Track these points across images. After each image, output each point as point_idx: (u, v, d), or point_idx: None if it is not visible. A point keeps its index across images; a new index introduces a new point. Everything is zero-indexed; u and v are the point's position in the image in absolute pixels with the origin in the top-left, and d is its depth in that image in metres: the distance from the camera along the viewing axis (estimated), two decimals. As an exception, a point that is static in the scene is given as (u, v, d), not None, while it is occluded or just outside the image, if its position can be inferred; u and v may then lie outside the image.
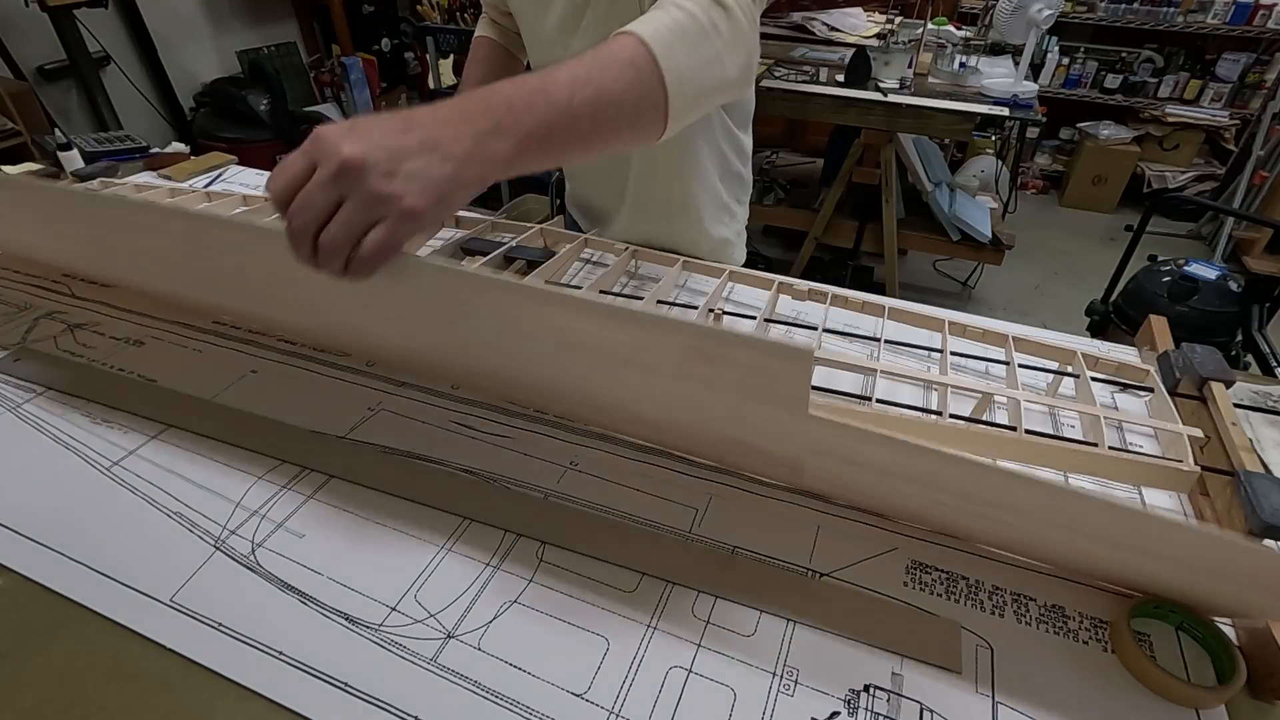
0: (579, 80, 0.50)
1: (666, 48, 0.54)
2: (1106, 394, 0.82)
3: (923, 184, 2.60)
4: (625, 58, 0.53)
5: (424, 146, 0.43)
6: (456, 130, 0.45)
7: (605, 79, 0.51)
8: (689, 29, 0.56)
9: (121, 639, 0.54)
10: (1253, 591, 0.47)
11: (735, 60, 0.60)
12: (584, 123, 0.50)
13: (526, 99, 0.48)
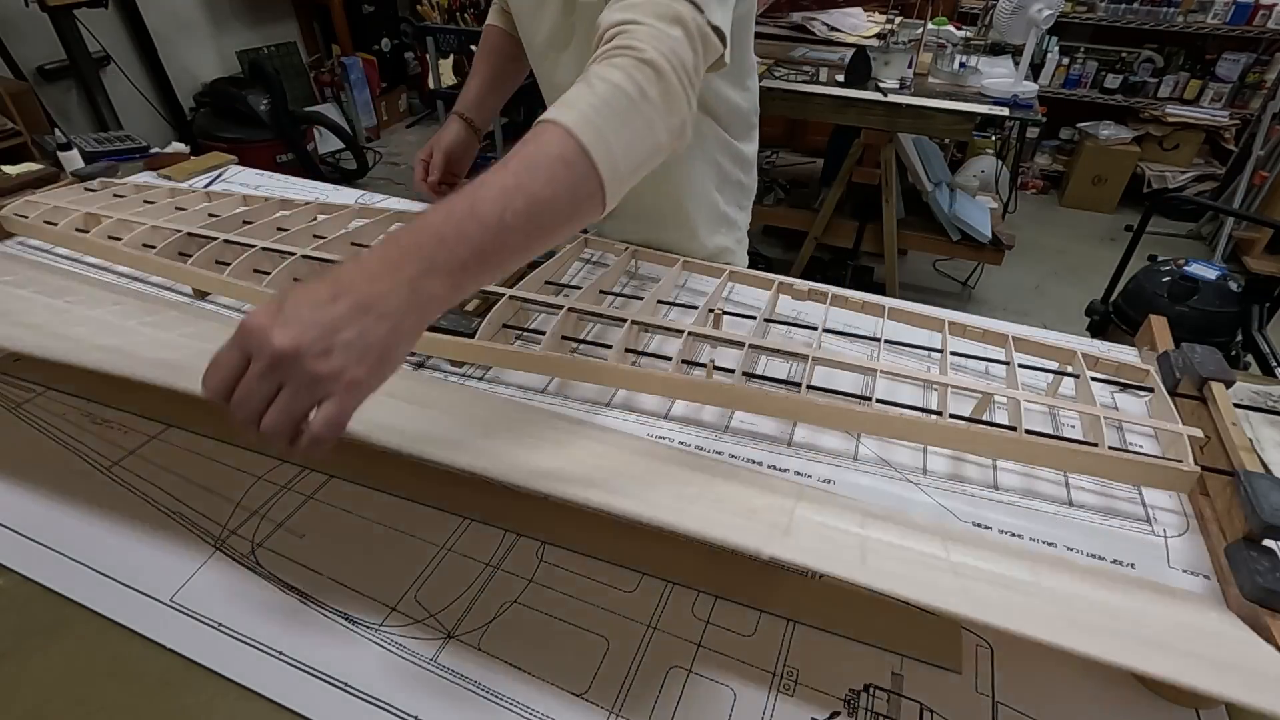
0: (509, 191, 0.48)
1: (595, 133, 0.51)
2: (1106, 394, 0.82)
3: (923, 184, 2.60)
4: (554, 155, 0.50)
5: (356, 311, 0.42)
6: (388, 283, 0.43)
7: (536, 185, 0.49)
8: (616, 104, 0.53)
9: (121, 639, 0.54)
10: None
11: (668, 124, 0.57)
12: (519, 235, 0.48)
13: (457, 228, 0.46)
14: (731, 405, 0.77)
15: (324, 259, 0.93)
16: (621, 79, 0.54)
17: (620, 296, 0.99)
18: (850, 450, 0.74)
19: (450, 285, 0.46)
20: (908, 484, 0.70)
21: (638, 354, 0.81)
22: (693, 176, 1.00)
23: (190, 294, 0.97)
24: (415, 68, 4.72)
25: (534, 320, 0.92)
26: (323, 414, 0.42)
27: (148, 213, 1.07)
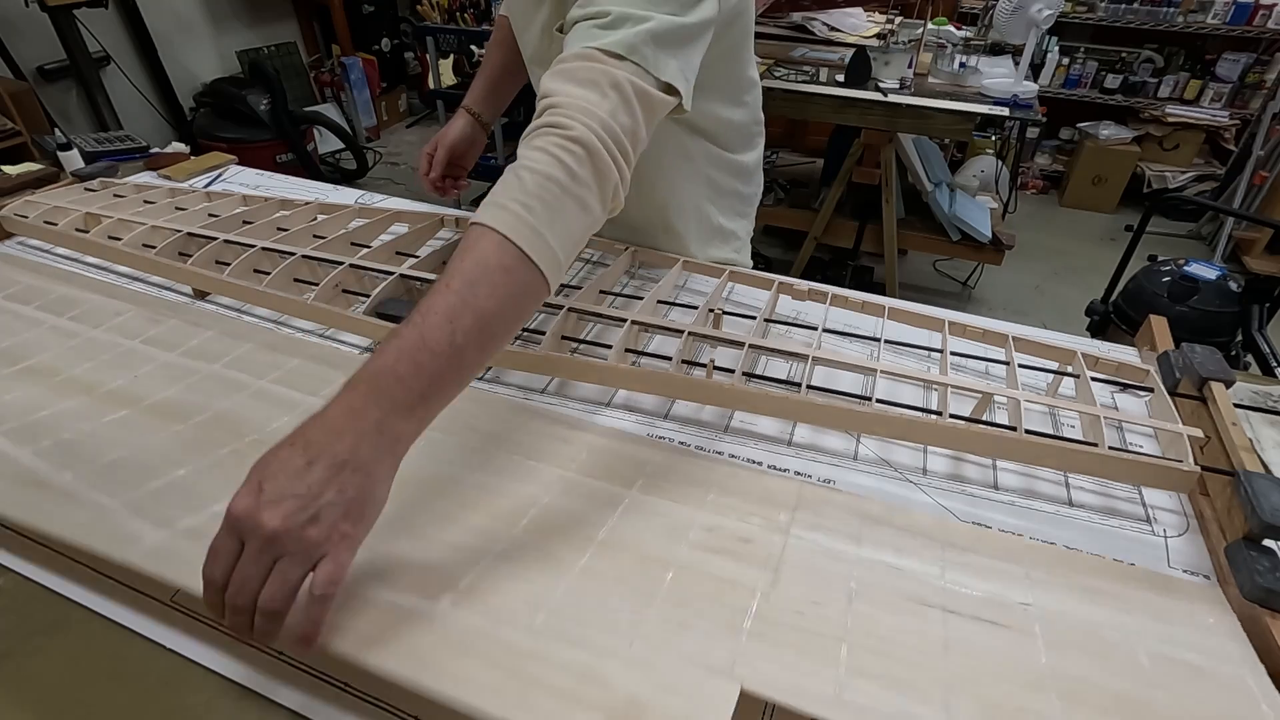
0: (455, 311, 0.48)
1: (530, 232, 0.51)
2: (1106, 394, 0.82)
3: (923, 184, 2.60)
4: (493, 264, 0.50)
5: (331, 471, 0.44)
6: (354, 435, 0.45)
7: (480, 300, 0.49)
8: (547, 194, 0.53)
9: (121, 639, 0.54)
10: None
11: (602, 197, 0.57)
12: (473, 351, 0.49)
13: (411, 361, 0.47)
14: (731, 405, 0.77)
15: (324, 259, 0.93)
16: (549, 165, 0.54)
17: (620, 296, 0.99)
18: (850, 450, 0.74)
19: (415, 419, 0.48)
20: (908, 484, 0.70)
21: (638, 354, 0.81)
22: (679, 193, 0.98)
23: (190, 294, 0.97)
24: (415, 68, 4.72)
25: (534, 320, 0.92)
26: (321, 574, 0.43)
27: (148, 213, 1.07)
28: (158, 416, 0.73)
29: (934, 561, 0.59)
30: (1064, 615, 0.55)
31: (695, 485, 0.67)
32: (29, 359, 0.82)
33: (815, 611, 0.53)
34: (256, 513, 0.42)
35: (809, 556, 0.59)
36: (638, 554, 0.58)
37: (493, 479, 0.66)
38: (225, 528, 0.44)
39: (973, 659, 0.50)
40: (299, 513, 0.42)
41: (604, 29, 0.60)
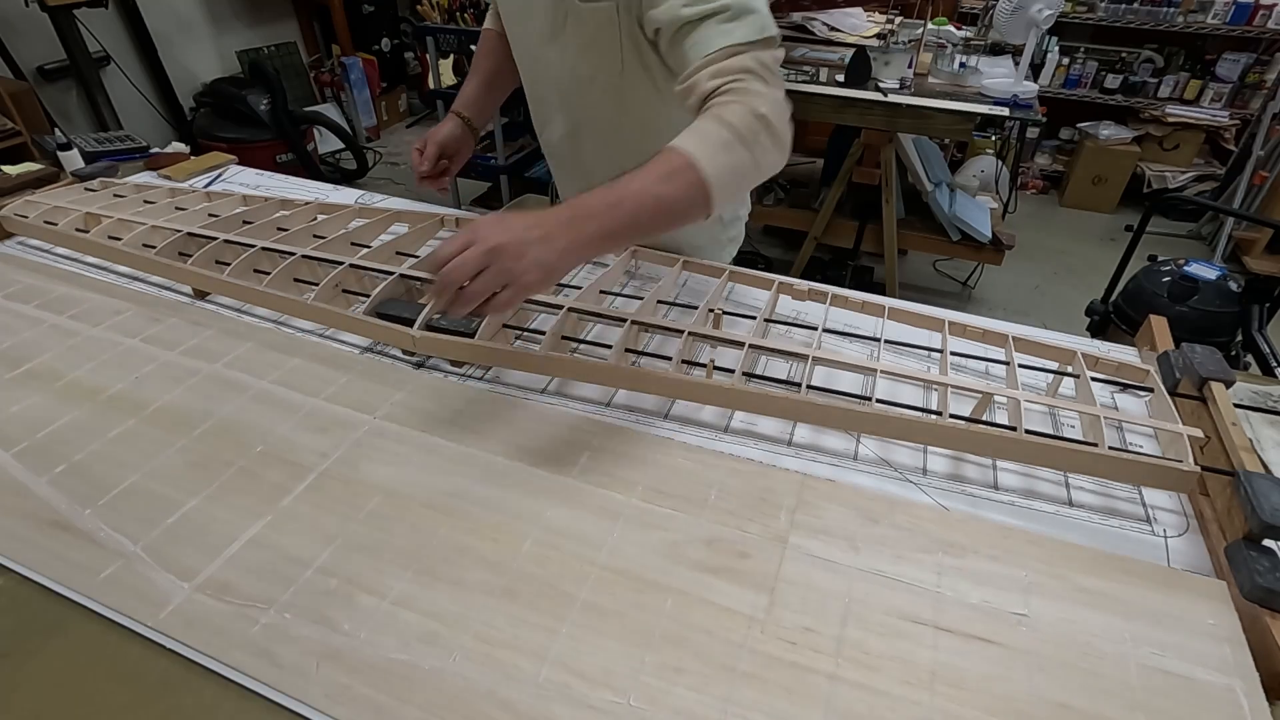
0: (646, 195, 0.65)
1: (713, 165, 0.66)
2: (1106, 394, 0.82)
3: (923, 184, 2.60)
4: (681, 179, 0.66)
5: (543, 240, 0.61)
6: (565, 230, 0.62)
7: (665, 194, 0.66)
8: (733, 144, 0.68)
9: (121, 639, 0.54)
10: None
11: (772, 160, 0.73)
12: (645, 225, 0.66)
13: (608, 210, 0.64)
14: (731, 405, 0.77)
15: (324, 259, 0.93)
16: (741, 126, 0.69)
17: (620, 296, 0.99)
18: (850, 450, 0.74)
19: (596, 244, 0.65)
20: (908, 484, 0.70)
21: (638, 354, 0.81)
22: None
23: (190, 294, 0.97)
24: (415, 68, 4.72)
25: (534, 320, 0.92)
26: (502, 296, 0.61)
27: (148, 213, 1.07)
28: (161, 427, 0.73)
29: (931, 567, 0.59)
30: (1058, 627, 0.55)
31: (696, 485, 0.67)
32: (30, 361, 0.82)
33: (807, 640, 0.54)
34: (490, 230, 0.60)
35: (806, 571, 0.59)
36: (638, 580, 0.58)
37: (495, 491, 0.66)
38: (465, 233, 0.61)
39: (958, 689, 0.50)
40: (515, 246, 0.60)
41: (731, 22, 0.73)
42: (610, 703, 0.49)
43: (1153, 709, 0.49)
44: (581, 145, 1.01)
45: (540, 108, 1.04)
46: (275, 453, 0.70)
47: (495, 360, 0.81)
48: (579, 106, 0.96)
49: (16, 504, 0.65)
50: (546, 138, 1.07)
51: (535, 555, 0.60)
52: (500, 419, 0.75)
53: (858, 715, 0.49)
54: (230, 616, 0.55)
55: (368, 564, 0.59)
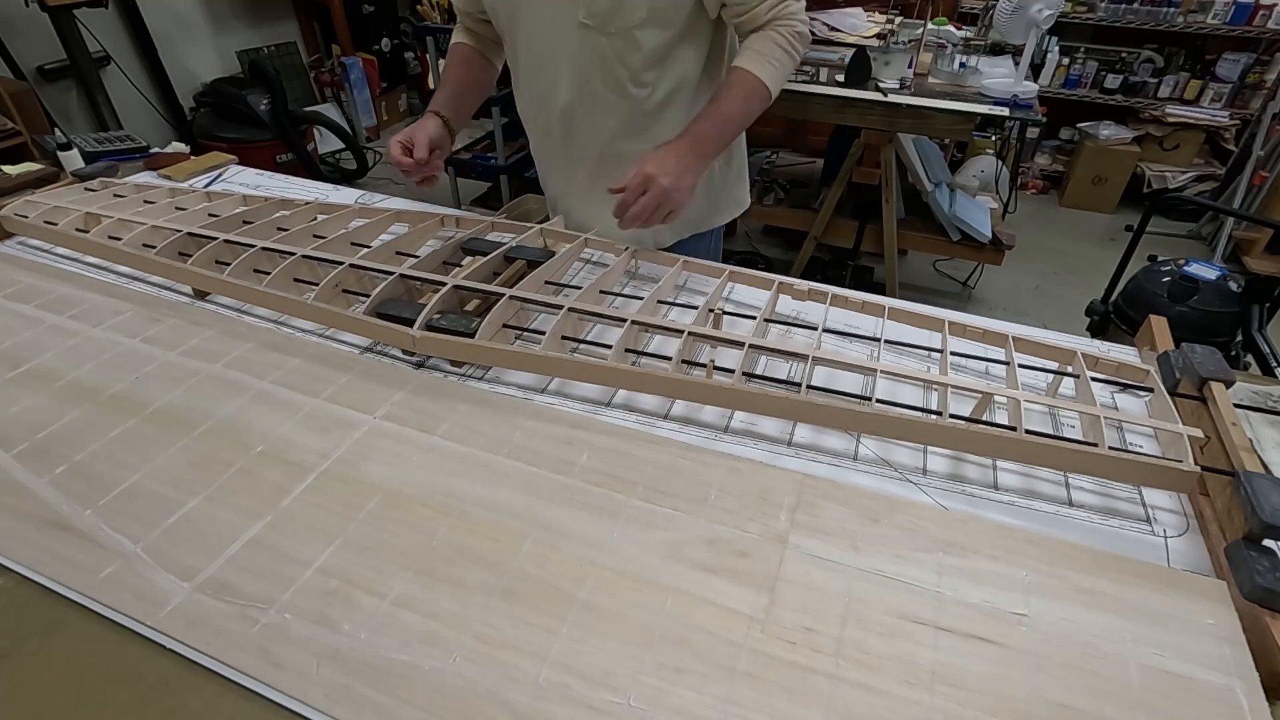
0: (737, 115, 0.97)
1: (775, 84, 0.97)
2: (1106, 394, 0.82)
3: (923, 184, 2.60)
4: (755, 96, 0.96)
5: (687, 173, 0.92)
6: (697, 158, 0.94)
7: (748, 110, 0.97)
8: (784, 59, 0.97)
9: (121, 639, 0.54)
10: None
11: (802, 54, 1.00)
12: (735, 134, 1.01)
13: (717, 133, 0.96)
14: (731, 405, 0.77)
15: (324, 259, 0.93)
16: (793, 50, 0.97)
17: (620, 296, 0.99)
18: (850, 450, 0.74)
19: (710, 160, 0.98)
20: (908, 484, 0.70)
21: (638, 354, 0.81)
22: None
23: (190, 294, 0.97)
24: (415, 68, 4.72)
25: (534, 320, 0.92)
26: (666, 218, 0.91)
27: (148, 213, 1.07)
28: (161, 428, 0.73)
29: (931, 567, 0.59)
30: (1059, 626, 0.55)
31: (697, 484, 0.67)
32: (30, 360, 0.82)
33: (807, 640, 0.54)
34: (657, 178, 0.88)
35: (805, 570, 0.59)
36: (638, 580, 0.58)
37: (495, 491, 0.66)
38: (641, 179, 0.89)
39: (957, 689, 0.50)
40: (674, 185, 0.89)
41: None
42: (610, 703, 0.49)
43: (1153, 709, 0.49)
44: (577, 118, 1.05)
45: (542, 78, 1.05)
46: (275, 453, 0.70)
47: (495, 360, 0.81)
48: (587, 68, 1.00)
49: (17, 504, 0.65)
50: (544, 114, 1.09)
51: (535, 555, 0.60)
52: (500, 419, 0.75)
53: (858, 715, 0.49)
54: (230, 616, 0.55)
55: (368, 564, 0.59)
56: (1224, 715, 0.49)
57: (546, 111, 1.08)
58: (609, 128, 1.05)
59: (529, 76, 1.07)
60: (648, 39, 0.96)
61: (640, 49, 0.97)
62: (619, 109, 1.03)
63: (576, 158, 1.11)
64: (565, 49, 0.99)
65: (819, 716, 0.49)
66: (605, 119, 1.04)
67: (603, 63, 0.98)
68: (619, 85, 1.01)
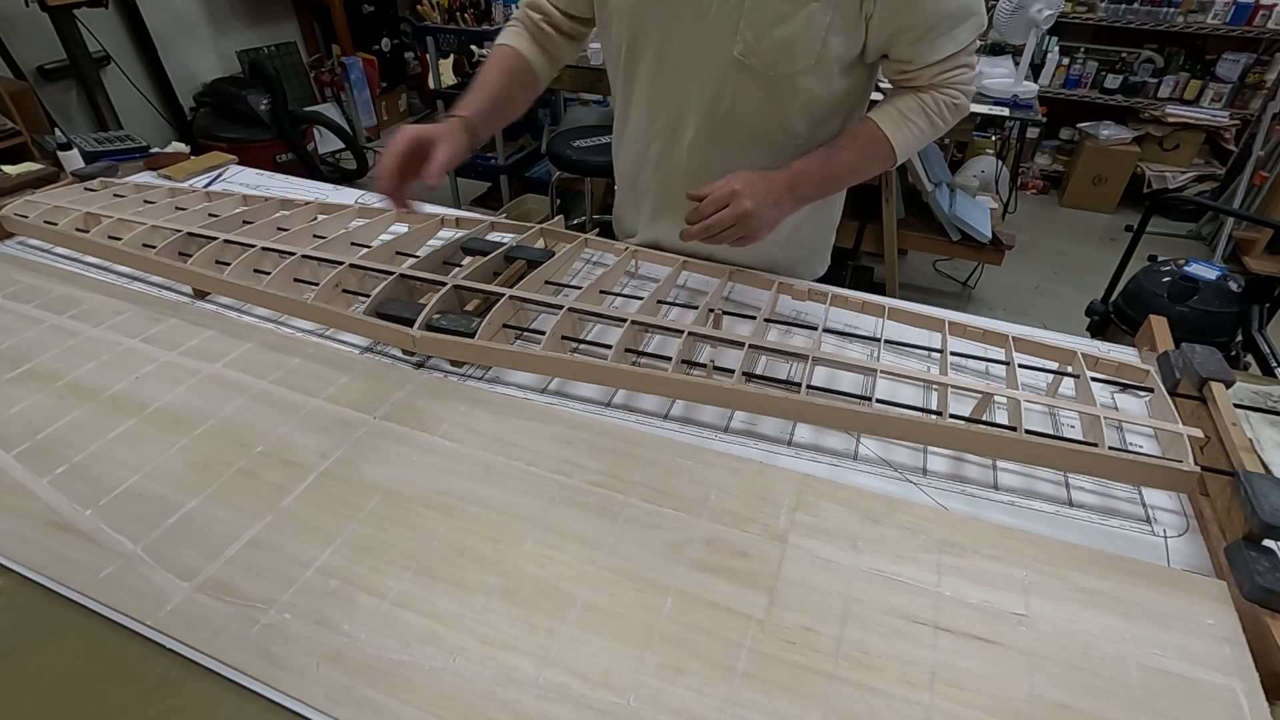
0: (852, 170, 0.90)
1: (905, 153, 0.89)
2: (1106, 394, 0.82)
3: (923, 184, 2.60)
4: (881, 159, 0.89)
5: (772, 205, 0.85)
6: (790, 199, 0.87)
7: (866, 167, 0.91)
8: (927, 137, 0.90)
9: (121, 639, 0.54)
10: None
11: (949, 126, 0.91)
12: (840, 187, 0.96)
13: (824, 182, 0.90)
14: (731, 405, 0.77)
15: (324, 259, 0.93)
16: (940, 122, 0.89)
17: (620, 296, 0.99)
18: (850, 450, 0.74)
19: (803, 206, 0.90)
20: (908, 484, 0.70)
21: (638, 354, 0.81)
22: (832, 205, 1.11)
23: (190, 294, 0.97)
24: (415, 68, 4.72)
25: (534, 320, 0.92)
26: (737, 241, 0.85)
27: (148, 213, 1.07)
28: (161, 428, 0.73)
29: (931, 567, 0.59)
30: (1058, 626, 0.55)
31: (697, 484, 0.67)
32: (30, 360, 0.82)
33: (807, 640, 0.54)
34: (746, 194, 0.82)
35: (806, 571, 0.59)
36: (637, 579, 0.58)
37: (495, 491, 0.66)
38: (723, 195, 0.83)
39: (957, 689, 0.50)
40: (756, 211, 0.83)
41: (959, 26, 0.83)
42: (610, 703, 0.49)
43: (1153, 709, 0.49)
44: (699, 159, 0.95)
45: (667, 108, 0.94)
46: (275, 453, 0.70)
47: (495, 360, 0.81)
48: (729, 108, 0.89)
49: (17, 504, 0.65)
50: (663, 145, 0.98)
51: (535, 555, 0.60)
52: (500, 419, 0.75)
53: (858, 715, 0.49)
54: (230, 616, 0.55)
55: (368, 564, 0.59)
56: (1224, 715, 0.49)
57: (669, 145, 0.97)
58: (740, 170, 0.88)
59: (650, 102, 0.95)
60: (806, 87, 0.86)
61: (796, 97, 0.87)
62: (756, 156, 0.92)
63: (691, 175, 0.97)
64: (703, 83, 0.88)
65: (819, 716, 0.49)
66: (738, 162, 0.91)
67: (749, 105, 0.88)
68: (762, 132, 0.91)
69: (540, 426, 0.74)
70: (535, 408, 0.77)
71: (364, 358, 0.85)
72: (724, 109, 0.90)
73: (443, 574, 0.58)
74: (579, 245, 1.02)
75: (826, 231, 1.13)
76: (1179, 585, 0.58)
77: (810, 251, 1.11)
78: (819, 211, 1.04)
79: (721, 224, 0.82)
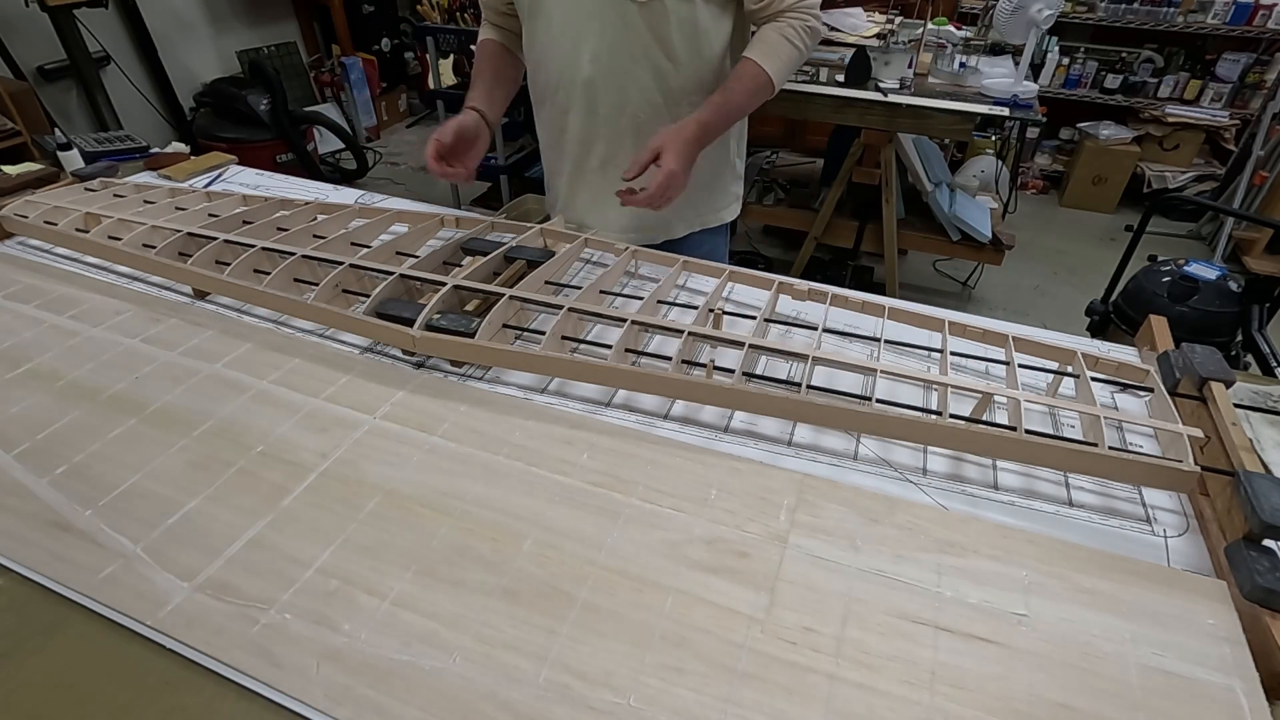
0: (742, 106, 1.02)
1: (781, 79, 1.02)
2: (1106, 394, 0.82)
3: (923, 184, 2.60)
4: (764, 90, 1.02)
5: (690, 159, 0.96)
6: (700, 144, 0.98)
7: (753, 102, 1.03)
8: (794, 53, 1.01)
9: (121, 639, 0.54)
10: None
11: (812, 49, 1.04)
12: (736, 119, 1.06)
13: (723, 122, 1.01)
14: (731, 405, 0.77)
15: (324, 259, 0.93)
16: (801, 44, 1.01)
17: (620, 296, 0.99)
18: (850, 450, 0.74)
19: (708, 145, 1.01)
20: (908, 484, 0.70)
21: (638, 354, 0.81)
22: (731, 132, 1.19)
23: (190, 294, 0.97)
24: (415, 68, 4.72)
25: (534, 320, 0.92)
26: (667, 199, 0.95)
27: (148, 213, 1.07)
28: (161, 428, 0.73)
29: (931, 567, 0.59)
30: (1058, 626, 0.55)
31: (697, 484, 0.67)
32: (30, 360, 0.82)
33: (807, 640, 0.54)
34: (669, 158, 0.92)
35: (806, 570, 0.59)
36: (638, 580, 0.58)
37: (495, 492, 0.66)
38: (665, 174, 0.92)
39: (957, 689, 0.50)
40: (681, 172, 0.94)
41: None
42: (610, 703, 0.49)
43: (1153, 709, 0.49)
44: (599, 90, 1.08)
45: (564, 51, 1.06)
46: (275, 453, 0.70)
47: (495, 360, 0.81)
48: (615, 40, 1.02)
49: (17, 504, 0.65)
50: (564, 90, 1.10)
51: (535, 555, 0.60)
52: (500, 419, 0.75)
53: (858, 715, 0.49)
54: (230, 616, 0.55)
55: (368, 564, 0.59)
56: (1224, 715, 0.49)
57: (566, 87, 1.09)
58: (633, 100, 1.07)
59: (549, 51, 1.08)
60: (678, 10, 0.99)
61: (669, 19, 1.00)
62: (644, 82, 1.06)
63: (593, 135, 1.13)
64: (592, 20, 1.01)
65: (819, 716, 0.49)
66: (630, 91, 1.07)
67: (631, 33, 1.01)
68: (647, 57, 1.03)
69: (540, 426, 0.74)
70: (535, 408, 0.77)
71: (364, 358, 0.85)
72: (609, 44, 1.03)
73: (442, 574, 0.58)
74: (579, 245, 1.02)
75: (724, 174, 1.25)
76: (1179, 585, 0.58)
77: (714, 191, 1.25)
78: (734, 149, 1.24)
79: (660, 194, 0.93)
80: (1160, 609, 0.56)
